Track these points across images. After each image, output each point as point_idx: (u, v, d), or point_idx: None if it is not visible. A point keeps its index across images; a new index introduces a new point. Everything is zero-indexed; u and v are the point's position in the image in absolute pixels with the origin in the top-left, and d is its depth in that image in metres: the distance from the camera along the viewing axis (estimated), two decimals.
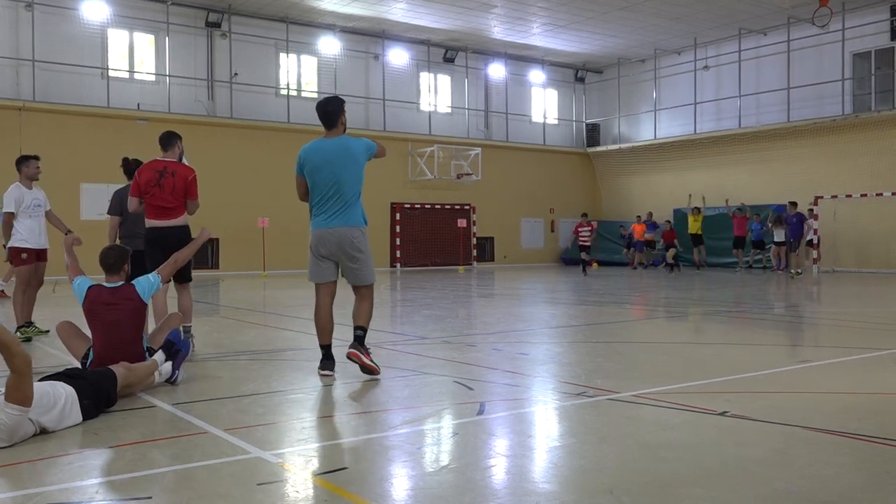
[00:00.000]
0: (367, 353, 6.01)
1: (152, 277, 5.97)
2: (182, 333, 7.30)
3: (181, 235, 7.09)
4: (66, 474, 3.66)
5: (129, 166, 8.28)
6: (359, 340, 6.01)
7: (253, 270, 22.66)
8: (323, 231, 5.94)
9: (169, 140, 7.44)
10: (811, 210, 22.51)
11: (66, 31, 21.14)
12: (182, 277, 7.33)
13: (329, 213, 5.92)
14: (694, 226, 23.89)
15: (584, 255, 22.86)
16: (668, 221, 24.99)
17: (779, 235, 22.29)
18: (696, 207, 24.19)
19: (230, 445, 4.07)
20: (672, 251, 23.73)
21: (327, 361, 6.10)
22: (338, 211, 5.91)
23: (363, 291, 6.18)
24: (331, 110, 6.03)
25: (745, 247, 23.69)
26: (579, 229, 22.87)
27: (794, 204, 21.61)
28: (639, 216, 26.81)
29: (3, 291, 14.55)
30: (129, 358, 5.47)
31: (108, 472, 3.75)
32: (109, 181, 21.36)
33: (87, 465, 3.81)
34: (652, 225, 25.93)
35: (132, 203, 7.24)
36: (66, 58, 20.97)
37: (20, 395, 4.07)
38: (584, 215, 24.40)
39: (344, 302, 6.64)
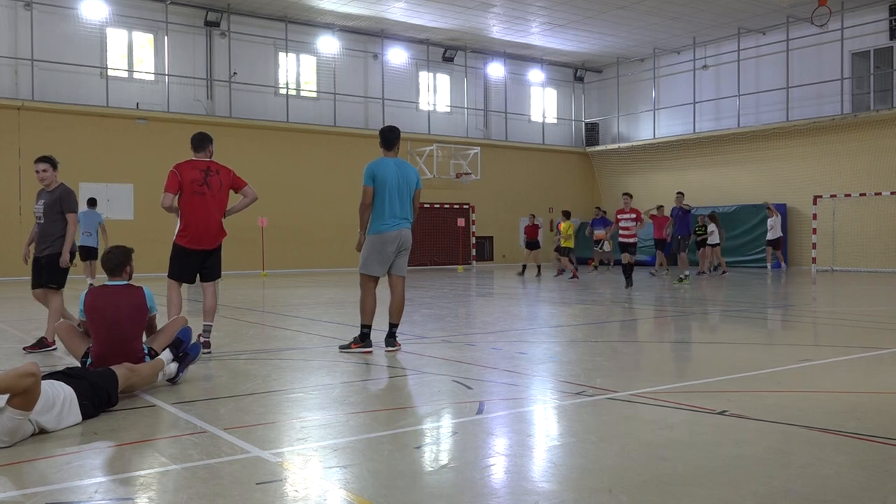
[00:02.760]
0: (397, 343, 7.45)
1: (155, 304, 5.97)
2: (201, 332, 7.32)
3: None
4: (65, 474, 3.66)
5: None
6: (392, 335, 7.41)
7: (252, 270, 22.66)
8: (393, 232, 7.30)
9: (201, 142, 7.45)
10: (768, 206, 21.44)
11: (64, 30, 21.14)
12: (210, 276, 7.42)
13: (395, 217, 7.30)
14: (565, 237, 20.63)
15: (626, 258, 16.26)
16: (532, 215, 22.52)
17: (712, 238, 20.94)
18: (566, 212, 21.06)
19: (229, 445, 4.07)
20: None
21: (369, 340, 7.33)
22: (400, 215, 7.33)
23: (401, 282, 7.48)
24: (392, 136, 7.50)
25: (665, 248, 21.03)
26: (619, 217, 16.68)
27: (681, 194, 19.20)
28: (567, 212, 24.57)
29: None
30: (128, 356, 5.45)
31: (107, 471, 3.75)
32: (109, 180, 21.42)
33: (86, 465, 3.80)
34: (601, 221, 23.19)
35: (167, 200, 7.18)
36: (64, 57, 20.97)
37: (25, 402, 4.09)
38: (628, 195, 17.08)
39: (348, 301, 6.61)
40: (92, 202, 16.09)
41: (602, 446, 4.05)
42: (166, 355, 5.64)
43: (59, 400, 4.39)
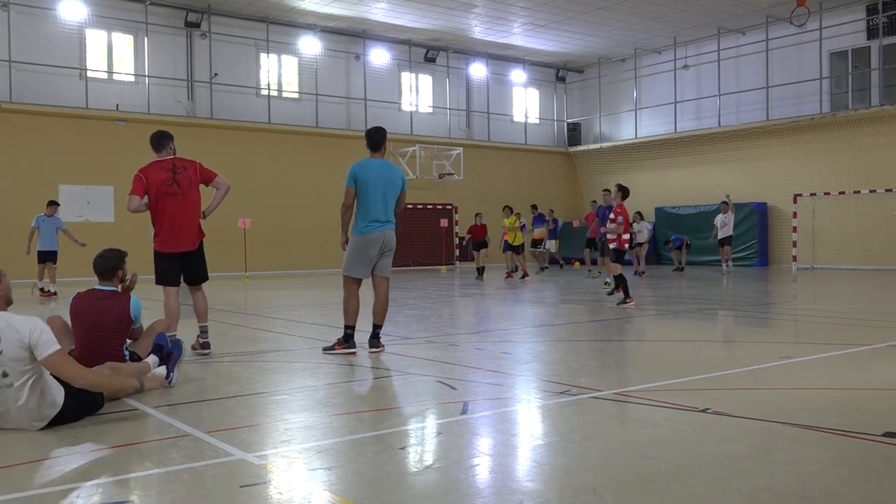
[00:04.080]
0: (381, 344, 7.38)
1: (141, 315, 5.87)
2: (198, 334, 7.26)
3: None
4: (47, 478, 3.62)
5: None
6: (376, 337, 7.36)
7: (234, 272, 22.54)
8: (376, 234, 7.27)
9: (160, 141, 7.24)
10: (725, 203, 20.76)
11: (43, 31, 20.93)
12: (196, 279, 7.32)
13: (378, 219, 7.26)
14: (510, 233, 19.79)
15: (604, 266, 13.78)
16: (478, 214, 21.16)
17: (640, 236, 20.37)
18: (508, 207, 20.14)
19: (213, 448, 4.05)
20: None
21: (353, 341, 7.30)
22: (384, 217, 7.30)
23: (384, 283, 7.45)
24: (378, 137, 7.54)
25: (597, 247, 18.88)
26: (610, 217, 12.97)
27: (607, 192, 16.68)
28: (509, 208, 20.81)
29: (47, 291, 15.49)
30: (108, 361, 5.40)
31: (90, 475, 3.72)
32: (88, 182, 21.24)
33: (68, 469, 3.77)
34: (539, 219, 23.04)
35: (134, 202, 6.95)
36: (43, 58, 20.76)
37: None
38: (607, 191, 13.97)
39: (331, 303, 6.59)
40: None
41: (586, 445, 4.06)
42: (152, 360, 5.60)
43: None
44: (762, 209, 24.71)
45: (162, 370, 5.62)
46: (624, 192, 12.68)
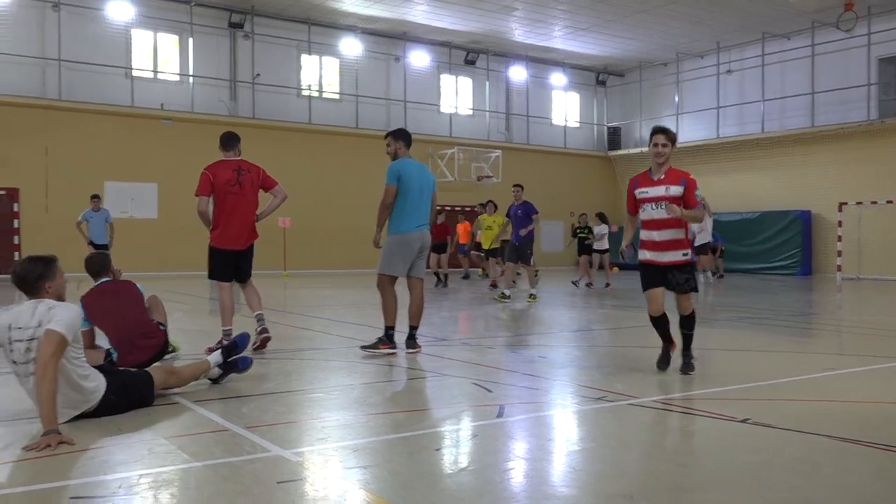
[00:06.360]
0: (418, 345, 7.36)
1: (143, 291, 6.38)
2: (257, 329, 7.39)
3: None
4: (89, 468, 3.70)
5: None
6: (412, 338, 7.34)
7: (273, 270, 22.76)
8: (418, 232, 7.26)
9: (230, 141, 7.47)
10: (702, 201, 19.11)
11: (91, 31, 21.39)
12: (242, 276, 7.62)
13: (420, 218, 7.28)
14: (487, 234, 17.76)
15: (655, 304, 6.69)
16: (440, 213, 18.17)
17: (600, 242, 17.94)
18: (489, 202, 18.05)
19: (251, 443, 4.10)
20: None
21: (395, 341, 7.27)
22: (424, 218, 7.33)
23: (420, 284, 7.44)
24: (410, 138, 7.69)
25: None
26: (639, 196, 6.88)
27: (519, 187, 14.84)
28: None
29: None
30: (143, 330, 5.71)
31: (130, 467, 3.79)
32: (134, 179, 21.64)
33: (109, 460, 3.85)
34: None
35: (202, 204, 7.18)
36: (91, 58, 21.21)
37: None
38: (661, 133, 6.51)
39: (367, 303, 6.63)
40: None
41: (622, 452, 4.04)
42: (215, 358, 5.67)
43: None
44: (806, 217, 24.29)
45: (216, 372, 5.69)
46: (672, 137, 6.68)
